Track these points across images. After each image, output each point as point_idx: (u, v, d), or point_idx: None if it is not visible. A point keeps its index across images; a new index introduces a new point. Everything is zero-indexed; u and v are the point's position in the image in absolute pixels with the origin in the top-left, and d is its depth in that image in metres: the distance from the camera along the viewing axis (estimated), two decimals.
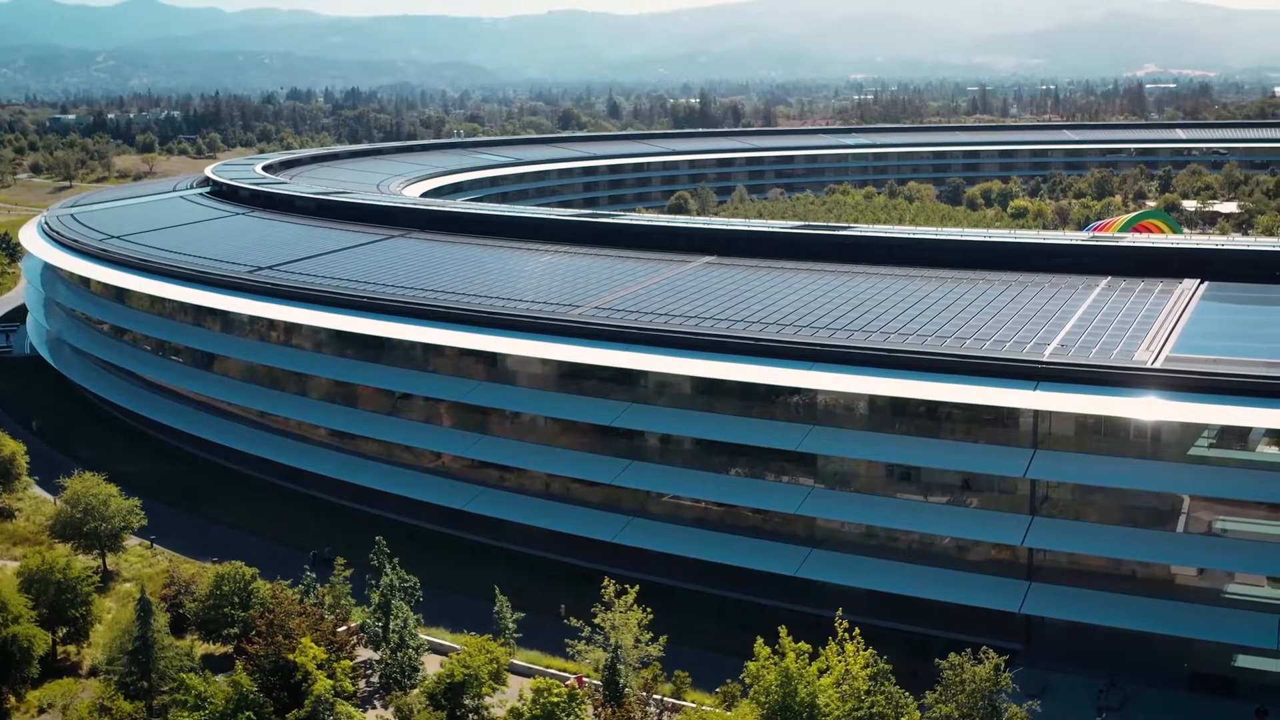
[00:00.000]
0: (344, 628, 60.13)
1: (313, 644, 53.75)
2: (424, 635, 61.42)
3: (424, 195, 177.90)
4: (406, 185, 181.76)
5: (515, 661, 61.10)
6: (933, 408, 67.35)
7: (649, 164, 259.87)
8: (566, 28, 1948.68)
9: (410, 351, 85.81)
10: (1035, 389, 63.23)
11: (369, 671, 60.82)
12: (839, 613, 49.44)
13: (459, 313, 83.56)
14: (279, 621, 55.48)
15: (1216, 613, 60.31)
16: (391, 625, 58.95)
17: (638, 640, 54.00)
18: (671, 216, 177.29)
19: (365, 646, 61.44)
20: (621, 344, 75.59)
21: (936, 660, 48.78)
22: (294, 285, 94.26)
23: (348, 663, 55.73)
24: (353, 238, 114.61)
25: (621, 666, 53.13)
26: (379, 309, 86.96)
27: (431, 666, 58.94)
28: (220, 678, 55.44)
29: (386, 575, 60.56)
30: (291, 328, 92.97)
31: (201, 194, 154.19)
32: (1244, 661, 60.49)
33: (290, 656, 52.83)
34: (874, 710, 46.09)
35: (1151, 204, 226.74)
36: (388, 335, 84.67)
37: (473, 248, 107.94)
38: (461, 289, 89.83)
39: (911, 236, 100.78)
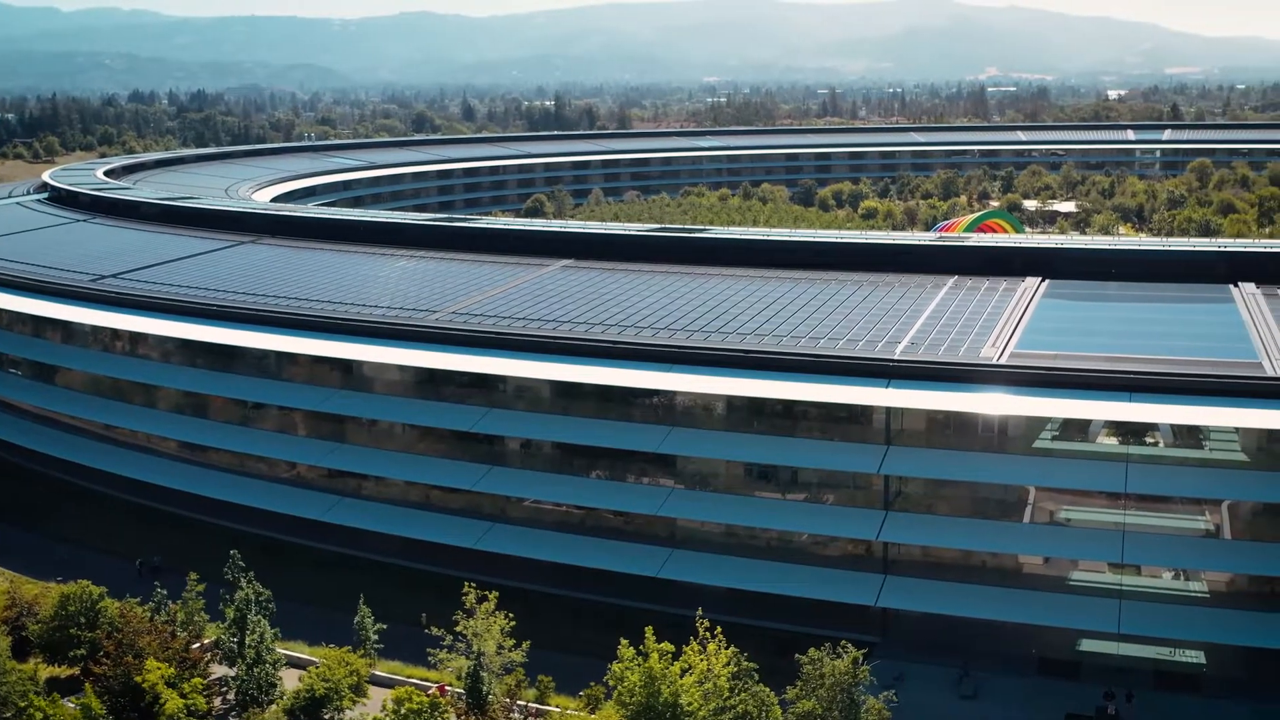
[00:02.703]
0: (197, 644, 58.59)
1: (160, 662, 52.25)
2: (281, 649, 60.13)
3: (275, 200, 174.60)
4: (256, 190, 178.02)
5: (377, 673, 60.26)
6: (789, 407, 68.37)
7: (505, 167, 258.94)
8: (418, 30, 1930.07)
9: (262, 360, 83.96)
10: (887, 387, 64.71)
11: (225, 689, 59.29)
12: (699, 612, 49.87)
13: (313, 320, 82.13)
14: (128, 641, 53.82)
15: (1062, 599, 62.48)
16: (247, 640, 57.55)
17: (500, 646, 53.68)
18: (528, 220, 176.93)
19: (220, 663, 59.91)
20: (480, 349, 75.17)
21: (796, 656, 49.49)
22: (140, 294, 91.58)
23: (200, 680, 54.28)
24: (201, 244, 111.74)
25: (484, 674, 52.77)
26: (229, 317, 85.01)
27: (290, 681, 57.76)
28: (68, 701, 53.58)
29: (242, 589, 59.10)
30: (137, 337, 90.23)
31: (39, 200, 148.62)
32: (1088, 645, 62.84)
33: (138, 678, 51.29)
34: (739, 709, 46.56)
35: (995, 204, 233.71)
36: (239, 344, 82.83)
37: (326, 253, 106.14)
38: (315, 295, 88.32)
39: (765, 238, 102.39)
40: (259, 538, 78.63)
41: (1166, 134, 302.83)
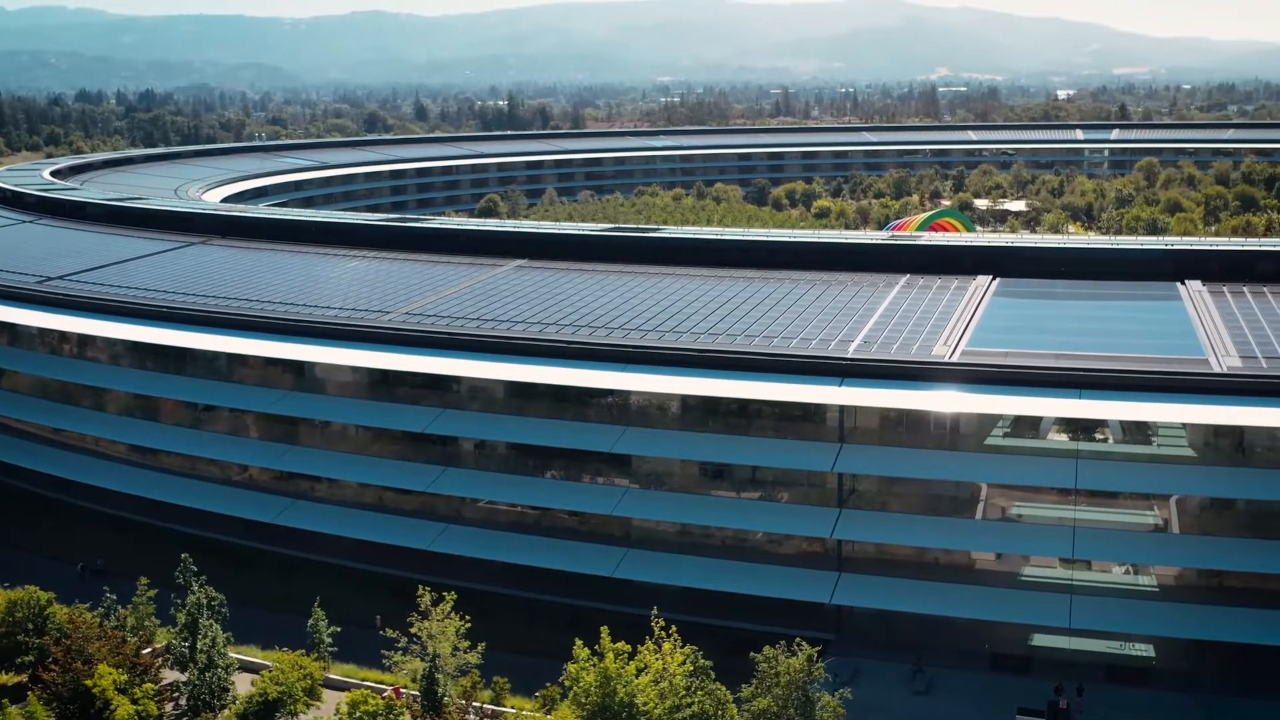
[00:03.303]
0: (148, 650, 57.96)
1: (111, 668, 51.67)
2: (234, 654, 59.57)
3: (225, 200, 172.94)
4: (206, 190, 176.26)
5: (331, 676, 59.81)
6: (743, 406, 68.55)
7: (458, 167, 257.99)
8: (370, 28, 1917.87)
9: (214, 362, 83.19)
10: (841, 385, 65.02)
11: (176, 694, 58.67)
12: (654, 611, 49.92)
13: (264, 321, 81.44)
14: (77, 647, 53.15)
15: (1014, 595, 63.08)
16: (199, 645, 56.96)
17: (456, 648, 53.46)
18: (482, 220, 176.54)
19: (172, 668, 59.23)
20: (434, 349, 74.83)
21: (751, 654, 49.61)
22: (88, 296, 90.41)
23: (151, 686, 53.72)
24: (150, 245, 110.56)
25: (439, 675, 52.53)
26: (180, 319, 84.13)
27: (243, 686, 57.24)
28: (15, 709, 52.82)
29: (193, 593, 58.50)
30: (86, 340, 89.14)
31: None
32: (1040, 640, 63.46)
33: (88, 683, 50.68)
34: (696, 708, 46.63)
35: (946, 203, 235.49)
36: (190, 346, 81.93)
37: (277, 254, 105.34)
38: (267, 296, 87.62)
39: (719, 238, 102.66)
40: (211, 541, 77.95)
41: (1114, 134, 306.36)
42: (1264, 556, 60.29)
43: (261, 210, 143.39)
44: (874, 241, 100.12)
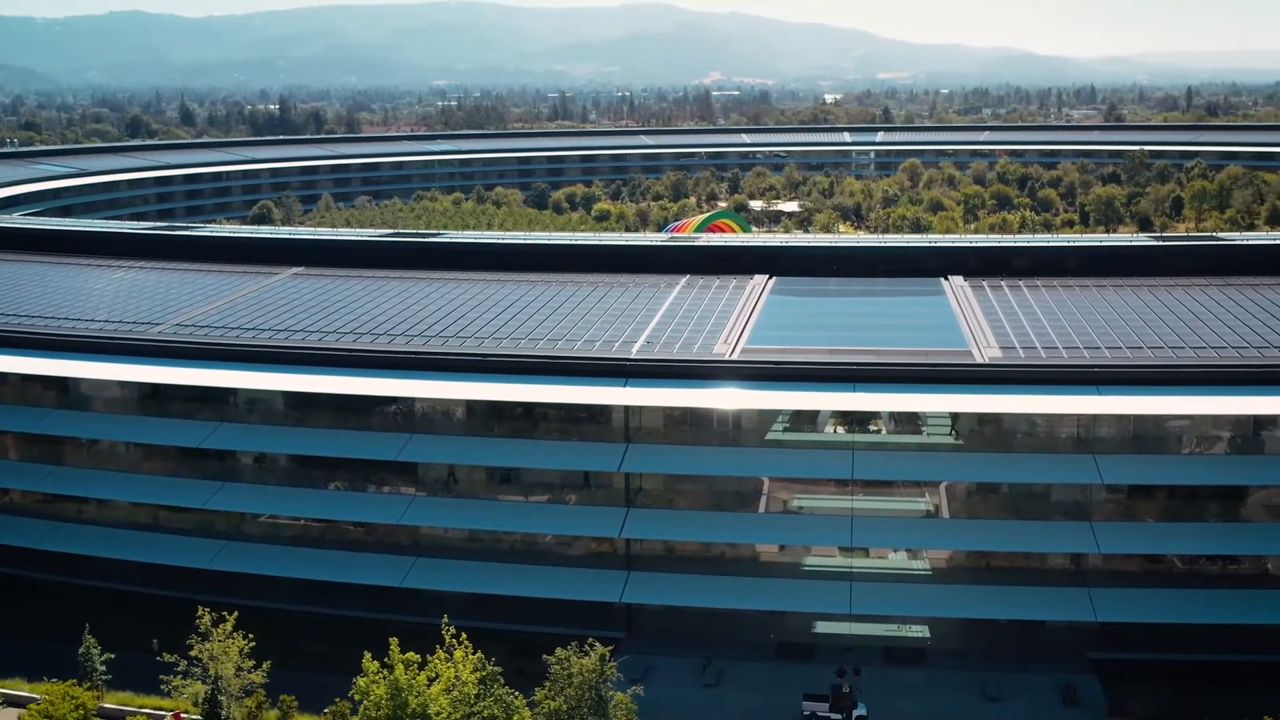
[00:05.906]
0: None
1: None
2: None
3: None
4: None
5: (105, 705, 57.23)
6: (529, 409, 68.62)
7: (229, 173, 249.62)
8: (131, 29, 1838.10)
9: None
10: (625, 385, 65.75)
11: None
12: (445, 619, 49.49)
13: (21, 336, 77.21)
14: None
15: (797, 585, 64.94)
16: None
17: (239, 668, 51.86)
18: (255, 227, 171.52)
19: None
20: (207, 361, 72.33)
21: (544, 656, 49.67)
22: None
23: None
24: None
25: (223, 697, 50.86)
26: None
27: None
28: None
29: None
30: None
31: None
32: (822, 627, 65.54)
33: None
34: (485, 714, 46.43)
35: (723, 204, 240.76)
36: None
37: (34, 266, 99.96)
38: (24, 310, 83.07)
39: (500, 242, 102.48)
40: None
41: (880, 136, 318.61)
42: (1026, 537, 63.79)
43: (15, 220, 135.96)
44: (654, 243, 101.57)
